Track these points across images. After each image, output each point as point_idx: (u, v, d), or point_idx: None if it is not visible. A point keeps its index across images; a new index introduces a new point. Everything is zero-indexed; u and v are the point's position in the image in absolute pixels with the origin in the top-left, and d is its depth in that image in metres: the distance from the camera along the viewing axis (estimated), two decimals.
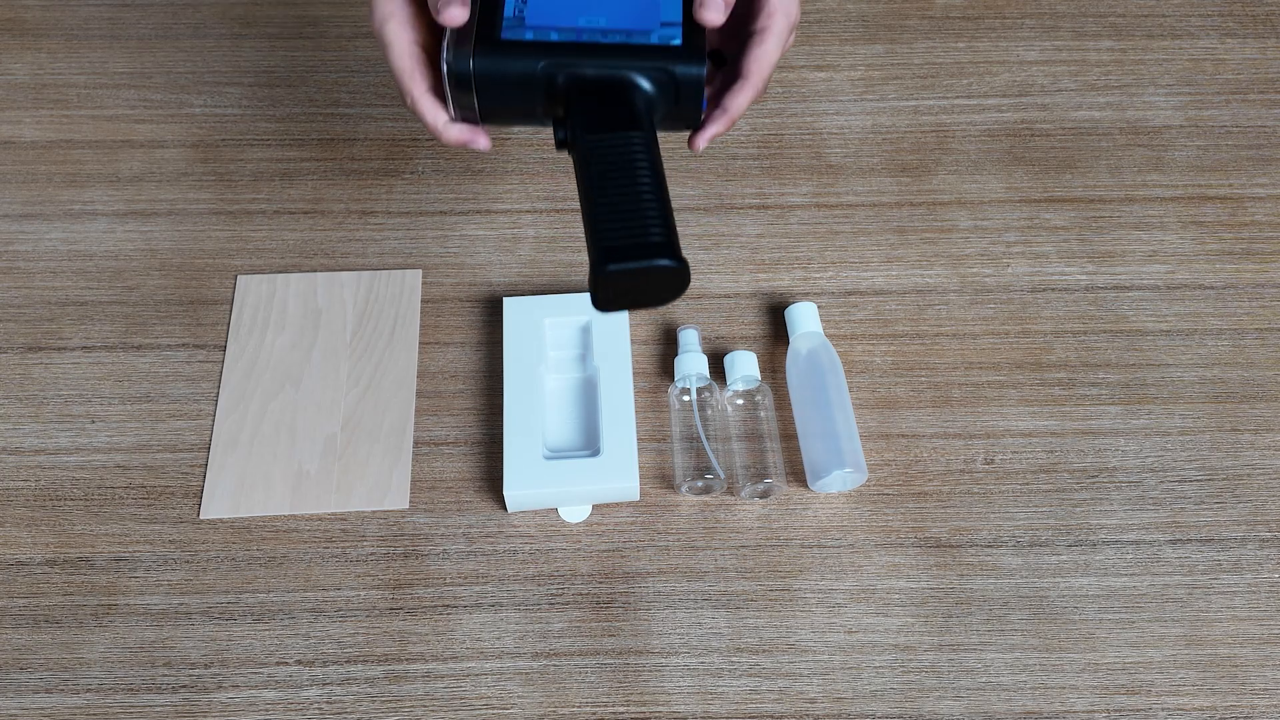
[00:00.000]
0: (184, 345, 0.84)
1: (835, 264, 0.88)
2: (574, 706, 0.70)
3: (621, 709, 0.70)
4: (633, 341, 0.84)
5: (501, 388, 0.82)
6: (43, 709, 0.70)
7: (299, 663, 0.72)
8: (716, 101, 0.66)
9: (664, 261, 0.54)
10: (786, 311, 0.83)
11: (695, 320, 0.85)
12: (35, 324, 0.85)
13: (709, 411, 0.79)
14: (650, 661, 0.72)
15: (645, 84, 0.62)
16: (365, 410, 0.81)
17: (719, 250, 0.89)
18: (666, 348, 0.84)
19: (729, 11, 0.62)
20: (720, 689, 0.71)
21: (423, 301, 0.86)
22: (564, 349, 0.83)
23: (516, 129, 0.96)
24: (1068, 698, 0.70)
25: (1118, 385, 0.83)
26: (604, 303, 0.56)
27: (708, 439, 0.77)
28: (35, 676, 0.71)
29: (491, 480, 0.78)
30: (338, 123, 0.96)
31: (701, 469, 0.76)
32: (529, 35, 0.62)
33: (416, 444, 0.80)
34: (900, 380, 0.83)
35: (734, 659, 0.72)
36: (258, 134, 0.95)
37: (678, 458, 0.77)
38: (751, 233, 0.90)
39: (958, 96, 0.98)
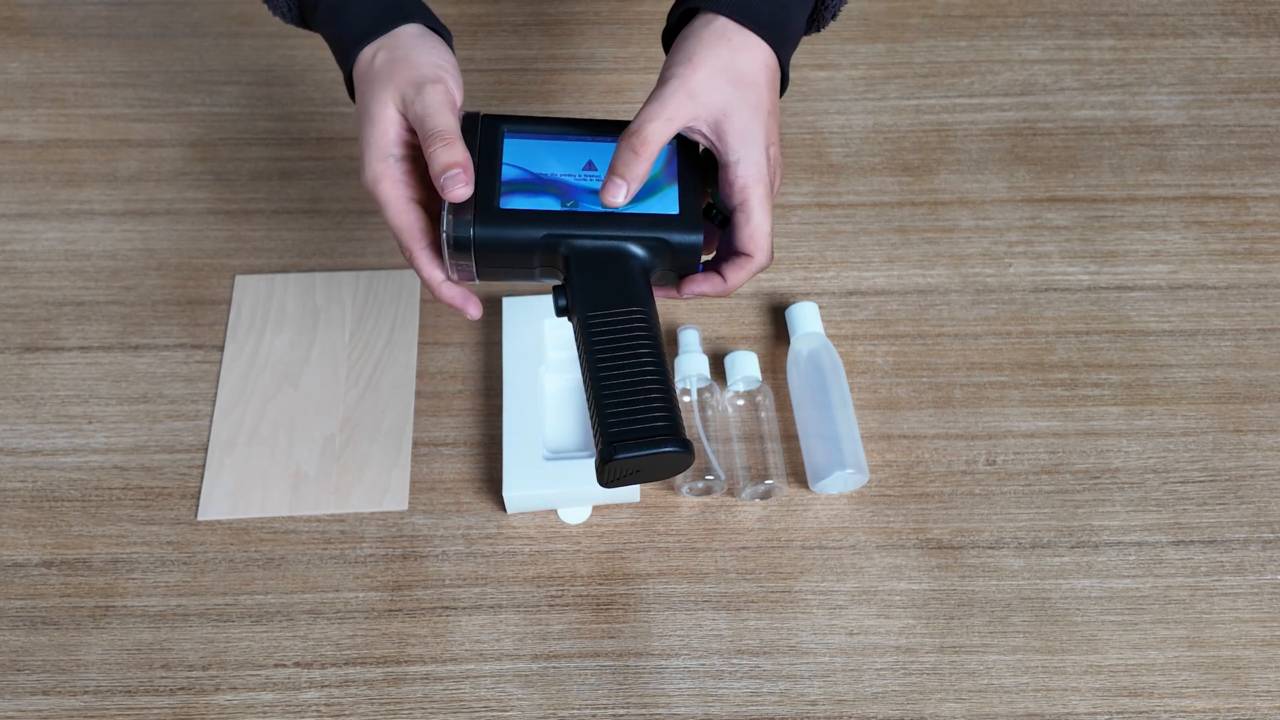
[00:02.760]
0: (182, 345, 0.84)
1: (836, 264, 0.88)
2: (574, 709, 0.70)
3: (621, 711, 0.70)
4: None
5: (501, 388, 0.81)
6: (40, 711, 0.70)
7: (297, 665, 0.71)
8: (717, 264, 0.65)
9: (669, 448, 0.57)
10: (787, 311, 0.83)
11: (696, 320, 0.85)
12: (32, 324, 0.85)
13: (709, 412, 0.79)
14: (650, 663, 0.72)
15: (642, 252, 0.63)
16: (364, 411, 0.81)
17: None
18: (667, 348, 0.84)
19: (631, 195, 0.62)
20: (721, 691, 0.71)
21: (422, 302, 0.86)
22: (564, 349, 0.82)
23: None
24: (1070, 700, 0.70)
25: (1120, 386, 0.82)
26: (609, 482, 0.58)
27: (708, 440, 0.77)
28: (32, 678, 0.71)
29: (491, 481, 0.78)
30: (336, 121, 0.95)
31: (702, 470, 0.76)
32: (528, 204, 0.63)
33: (415, 445, 0.80)
34: (902, 381, 0.82)
35: (734, 661, 0.72)
36: (256, 133, 0.95)
37: None
38: None
39: (959, 95, 0.98)
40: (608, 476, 0.58)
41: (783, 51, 0.65)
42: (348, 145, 0.94)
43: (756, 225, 0.63)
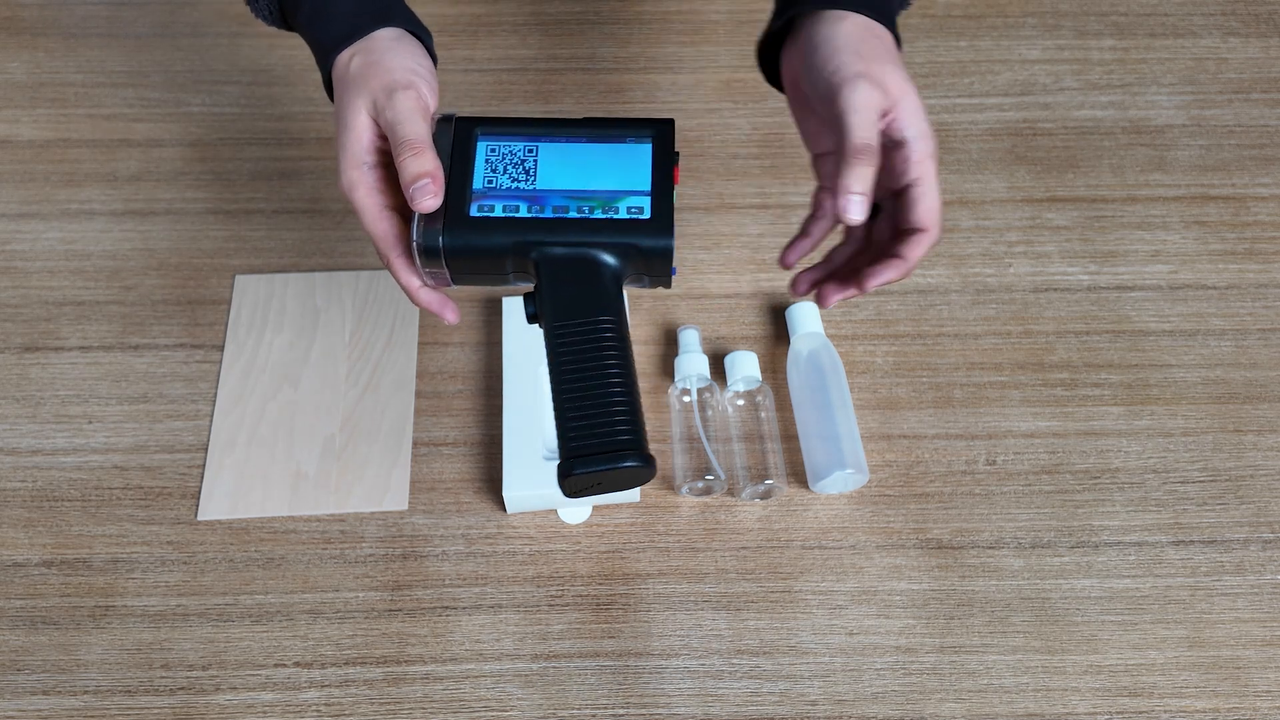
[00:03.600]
0: (182, 345, 0.84)
1: None
2: (574, 709, 0.70)
3: (621, 711, 0.70)
4: (633, 342, 0.83)
5: (501, 388, 0.81)
6: (40, 710, 0.70)
7: (297, 664, 0.71)
8: (891, 247, 0.64)
9: (630, 463, 0.57)
10: (787, 311, 0.83)
11: (696, 320, 0.85)
12: (32, 324, 0.85)
13: (709, 412, 0.79)
14: (650, 663, 0.72)
15: (613, 259, 0.62)
16: (364, 411, 0.81)
17: (720, 250, 0.89)
18: (667, 348, 0.84)
19: (869, 210, 0.61)
20: (721, 691, 0.71)
21: None
22: None
23: None
24: (1070, 700, 0.70)
25: (1120, 386, 0.82)
26: (572, 493, 0.58)
27: (708, 440, 0.77)
28: (32, 678, 0.71)
29: (491, 481, 0.78)
30: None
31: (702, 470, 0.76)
32: (498, 210, 0.62)
33: (415, 445, 0.80)
34: (902, 381, 0.82)
35: (734, 661, 0.72)
36: (256, 133, 0.95)
37: (678, 458, 0.77)
38: (753, 232, 0.89)
39: (959, 95, 0.98)
40: (569, 489, 0.58)
41: (896, 32, 0.66)
42: None
43: (935, 199, 0.63)
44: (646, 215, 0.62)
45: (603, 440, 0.57)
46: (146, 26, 1.02)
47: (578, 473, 0.56)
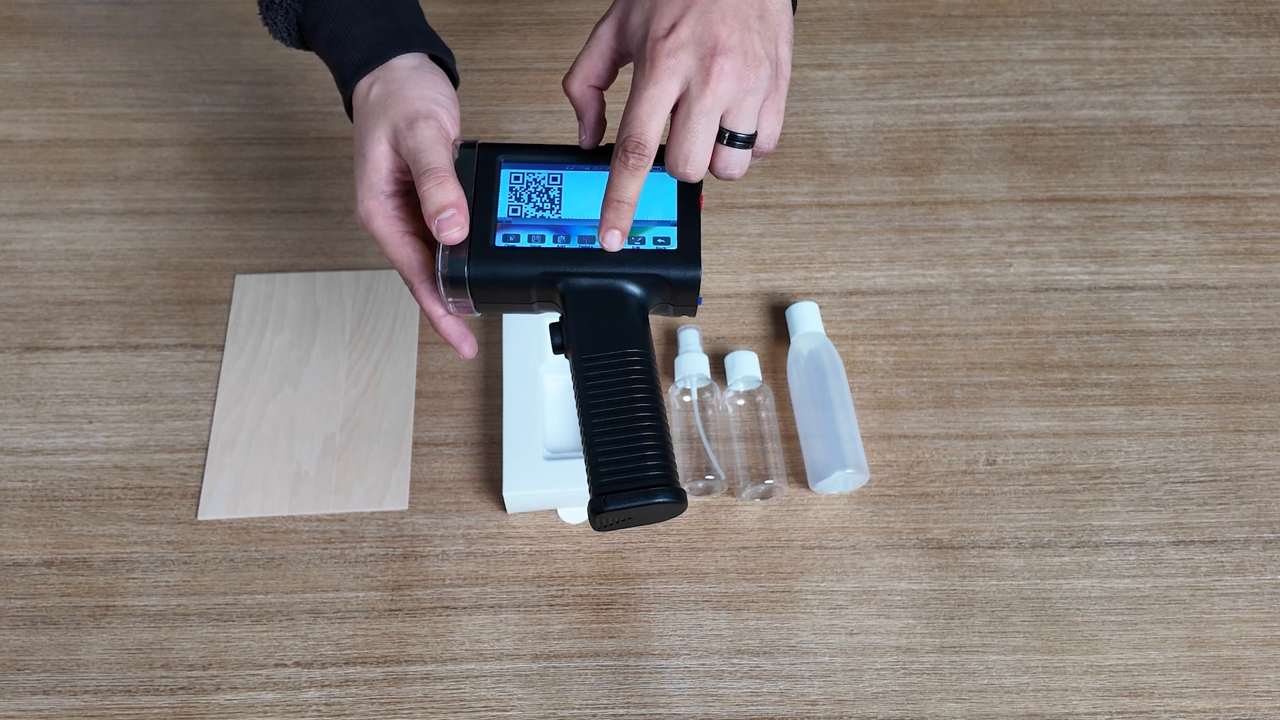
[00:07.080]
0: (182, 345, 0.84)
1: (837, 264, 0.88)
2: (574, 709, 0.70)
3: (621, 711, 0.70)
4: None
5: (501, 388, 0.81)
6: (40, 710, 0.70)
7: (297, 664, 0.71)
8: None
9: (661, 499, 0.57)
10: (788, 311, 0.83)
11: (696, 320, 0.85)
12: (33, 324, 0.85)
13: (710, 412, 0.79)
14: (650, 663, 0.72)
15: (640, 289, 0.62)
16: (364, 411, 0.81)
17: (720, 250, 0.89)
18: (667, 348, 0.84)
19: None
20: (721, 691, 0.71)
21: None
22: None
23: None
24: (1070, 700, 0.70)
25: (1120, 386, 0.82)
26: (602, 527, 0.58)
27: (708, 439, 0.77)
28: (32, 678, 0.71)
29: (491, 481, 0.78)
30: (336, 121, 0.95)
31: (702, 469, 0.76)
32: (524, 240, 0.62)
33: (415, 444, 0.80)
34: (902, 380, 0.82)
35: (734, 661, 0.72)
36: (256, 132, 0.95)
37: (678, 458, 0.77)
38: (753, 232, 0.89)
39: (960, 95, 0.98)
40: (600, 525, 0.58)
41: None
42: (348, 145, 0.94)
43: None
44: (673, 246, 0.62)
45: (633, 475, 0.57)
46: (146, 26, 1.02)
47: (609, 509, 0.56)
